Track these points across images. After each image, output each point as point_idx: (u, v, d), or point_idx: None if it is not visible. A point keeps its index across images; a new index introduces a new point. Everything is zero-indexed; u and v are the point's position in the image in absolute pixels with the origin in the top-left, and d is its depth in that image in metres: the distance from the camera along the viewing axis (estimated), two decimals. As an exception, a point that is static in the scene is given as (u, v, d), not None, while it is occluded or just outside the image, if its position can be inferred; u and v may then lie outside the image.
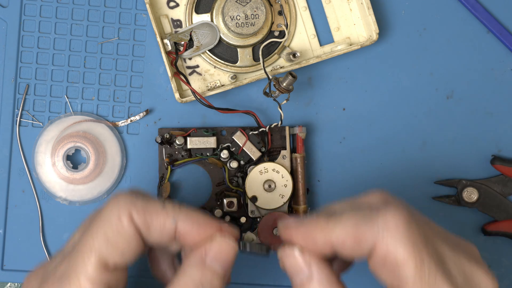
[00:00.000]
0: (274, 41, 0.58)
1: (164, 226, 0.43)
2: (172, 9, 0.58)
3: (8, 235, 0.59)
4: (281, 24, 0.58)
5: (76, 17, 0.59)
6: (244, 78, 0.58)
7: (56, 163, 0.58)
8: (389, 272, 0.42)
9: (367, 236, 0.41)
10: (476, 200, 0.60)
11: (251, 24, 0.56)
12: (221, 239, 0.44)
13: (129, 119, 0.59)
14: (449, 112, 0.61)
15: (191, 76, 0.58)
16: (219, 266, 0.43)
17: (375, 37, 0.57)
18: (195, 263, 0.43)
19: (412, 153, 0.61)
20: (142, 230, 0.43)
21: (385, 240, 0.41)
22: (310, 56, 0.59)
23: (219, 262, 0.43)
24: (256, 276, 0.60)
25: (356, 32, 0.60)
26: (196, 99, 0.56)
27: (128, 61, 0.59)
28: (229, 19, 0.55)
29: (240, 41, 0.57)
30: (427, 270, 0.41)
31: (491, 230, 0.60)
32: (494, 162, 0.60)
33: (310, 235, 0.43)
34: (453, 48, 0.61)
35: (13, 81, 0.59)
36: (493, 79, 0.61)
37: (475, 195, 0.60)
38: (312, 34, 0.60)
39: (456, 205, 0.60)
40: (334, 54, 0.58)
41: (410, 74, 0.61)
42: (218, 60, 0.58)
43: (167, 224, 0.43)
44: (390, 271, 0.42)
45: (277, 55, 0.58)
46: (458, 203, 0.60)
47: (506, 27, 0.61)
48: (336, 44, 0.60)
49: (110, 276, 0.42)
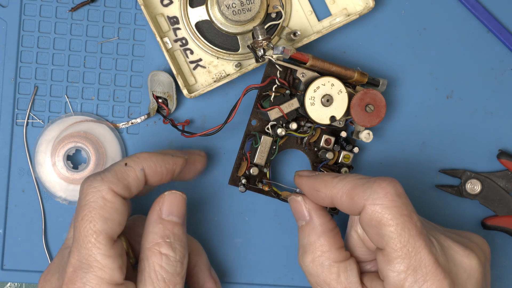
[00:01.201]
0: (273, 24, 0.58)
1: (138, 179, 0.49)
2: (167, 7, 0.58)
3: (8, 235, 0.59)
4: (277, 6, 0.58)
5: (76, 16, 0.59)
6: (248, 64, 0.58)
7: (56, 163, 0.58)
8: (374, 231, 0.47)
9: (360, 196, 0.48)
10: (478, 193, 0.60)
11: (247, 10, 0.56)
12: (169, 193, 0.50)
13: (130, 122, 0.59)
14: (449, 112, 0.61)
15: (195, 71, 0.58)
16: (175, 216, 0.49)
17: (372, 4, 0.57)
18: (154, 221, 0.49)
19: (413, 153, 0.61)
20: (125, 194, 0.48)
21: (374, 201, 0.47)
22: (310, 33, 0.59)
23: (174, 213, 0.50)
24: (256, 276, 0.60)
25: (352, 1, 0.59)
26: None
27: (128, 61, 0.59)
28: (225, 8, 0.55)
29: (239, 28, 0.57)
30: (407, 232, 0.46)
31: (491, 224, 0.60)
32: (500, 156, 0.60)
33: (316, 186, 0.51)
34: (453, 48, 0.61)
35: (13, 81, 0.58)
36: (493, 79, 0.61)
37: (478, 187, 0.60)
38: (308, 10, 0.60)
39: (458, 196, 0.60)
40: (334, 27, 0.58)
41: (410, 74, 0.61)
42: (220, 51, 0.58)
43: (139, 175, 0.49)
44: (375, 231, 0.47)
45: (277, 36, 0.58)
46: (461, 194, 0.60)
47: (506, 27, 0.61)
48: (334, 17, 0.60)
49: (118, 246, 0.47)
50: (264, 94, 0.57)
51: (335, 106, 0.55)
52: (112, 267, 0.46)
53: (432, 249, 0.47)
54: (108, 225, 0.46)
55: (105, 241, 0.46)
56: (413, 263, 0.46)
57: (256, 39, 0.54)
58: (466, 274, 0.48)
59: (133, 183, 0.49)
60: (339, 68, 0.56)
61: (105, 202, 0.47)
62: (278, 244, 0.60)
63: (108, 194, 0.47)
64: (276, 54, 0.54)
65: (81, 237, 0.46)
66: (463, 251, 0.48)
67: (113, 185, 0.47)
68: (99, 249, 0.46)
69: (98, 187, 0.47)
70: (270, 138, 0.56)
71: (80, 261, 0.46)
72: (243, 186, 0.57)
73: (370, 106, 0.55)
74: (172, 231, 0.49)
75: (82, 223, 0.46)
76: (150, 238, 0.48)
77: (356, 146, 0.57)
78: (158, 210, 0.50)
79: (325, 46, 0.60)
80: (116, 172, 0.48)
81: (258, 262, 0.60)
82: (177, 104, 0.58)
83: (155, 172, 0.50)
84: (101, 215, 0.46)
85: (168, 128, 0.59)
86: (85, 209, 0.47)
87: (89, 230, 0.46)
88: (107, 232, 0.46)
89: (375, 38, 0.60)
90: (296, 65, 0.56)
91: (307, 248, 0.51)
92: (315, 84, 0.55)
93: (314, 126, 0.57)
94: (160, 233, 0.48)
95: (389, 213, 0.47)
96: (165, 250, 0.48)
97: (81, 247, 0.46)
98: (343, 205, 0.50)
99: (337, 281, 0.50)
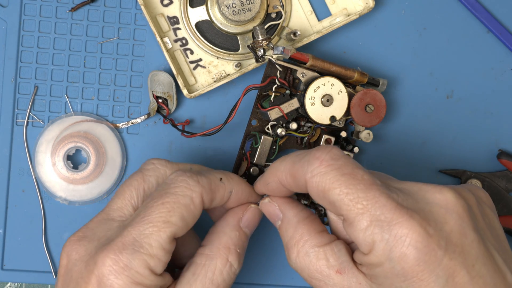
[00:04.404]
0: (273, 24, 0.58)
1: (223, 198, 0.50)
2: (167, 7, 0.58)
3: (8, 235, 0.59)
4: (277, 6, 0.58)
5: (76, 16, 0.59)
6: (248, 64, 0.58)
7: (56, 163, 0.58)
8: (325, 202, 0.45)
9: (299, 173, 0.46)
10: None
11: (247, 10, 0.56)
12: (255, 207, 0.52)
13: (130, 122, 0.59)
14: (449, 112, 0.61)
15: (195, 71, 0.58)
16: (248, 230, 0.51)
17: (372, 4, 0.58)
18: (233, 226, 0.50)
19: (413, 153, 0.61)
20: (207, 204, 0.49)
21: (312, 173, 0.45)
22: (310, 33, 0.59)
23: (249, 227, 0.51)
24: (256, 276, 0.60)
25: (352, 1, 0.60)
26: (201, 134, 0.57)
27: (128, 61, 0.59)
28: (225, 8, 0.55)
29: (239, 28, 0.57)
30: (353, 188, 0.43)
31: (491, 225, 0.60)
32: (500, 156, 0.60)
33: (266, 180, 0.50)
34: (453, 48, 0.61)
35: (13, 81, 0.58)
36: (493, 79, 0.61)
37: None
38: (308, 10, 0.60)
39: None
40: (334, 27, 0.58)
41: (410, 74, 0.61)
42: (220, 51, 0.58)
43: (226, 196, 0.50)
44: (326, 201, 0.45)
45: (277, 36, 0.58)
46: None
47: (506, 27, 0.61)
48: (334, 17, 0.60)
49: (174, 245, 0.47)
50: (264, 94, 0.57)
51: (335, 106, 0.55)
52: (161, 259, 0.46)
53: (391, 195, 0.43)
54: (181, 224, 0.46)
55: (169, 235, 0.46)
56: (373, 214, 0.42)
57: (256, 39, 0.54)
58: (442, 209, 0.43)
59: (218, 200, 0.50)
60: (339, 68, 0.56)
61: (190, 203, 0.47)
62: (278, 244, 0.60)
63: (197, 198, 0.47)
64: (276, 54, 0.54)
65: (150, 218, 0.46)
66: (433, 188, 0.44)
67: (205, 193, 0.48)
68: (160, 238, 0.45)
69: (192, 187, 0.47)
70: (270, 138, 0.56)
71: (135, 239, 0.45)
72: None
73: (370, 106, 0.56)
74: (244, 243, 0.50)
75: (161, 207, 0.46)
76: (224, 240, 0.49)
77: (356, 146, 0.57)
78: (239, 217, 0.51)
79: (325, 46, 0.60)
80: (211, 182, 0.49)
81: (258, 262, 0.60)
82: (177, 104, 0.58)
83: (238, 199, 0.51)
84: (181, 212, 0.46)
85: (168, 128, 0.59)
86: (170, 197, 0.47)
87: (163, 217, 0.46)
88: (176, 228, 0.46)
89: (375, 38, 0.60)
90: (296, 65, 0.56)
91: (289, 244, 0.48)
92: (315, 84, 0.55)
93: (314, 126, 0.57)
94: (235, 240, 0.49)
95: (329, 178, 0.44)
96: (232, 259, 0.49)
97: (144, 227, 0.46)
98: (291, 186, 0.48)
99: (328, 266, 0.46)
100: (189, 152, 0.60)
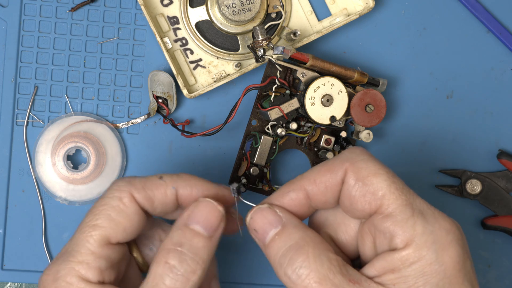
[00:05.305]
0: (273, 24, 0.58)
1: (165, 196, 0.46)
2: (167, 7, 0.58)
3: (8, 235, 0.59)
4: (277, 6, 0.58)
5: (76, 17, 0.59)
6: (248, 64, 0.58)
7: (56, 163, 0.58)
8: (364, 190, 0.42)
9: (336, 164, 0.43)
10: (478, 193, 0.60)
11: (247, 10, 0.56)
12: (204, 201, 0.45)
13: (130, 122, 0.59)
14: (449, 111, 0.61)
15: (195, 71, 0.58)
16: (200, 227, 0.44)
17: (372, 4, 0.58)
18: (177, 226, 0.44)
19: (413, 153, 0.61)
20: (145, 205, 0.45)
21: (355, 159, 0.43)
22: (310, 33, 0.59)
23: (201, 224, 0.44)
24: (255, 275, 0.60)
25: (352, 1, 0.60)
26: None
27: (128, 61, 0.59)
28: (225, 8, 0.56)
29: (239, 28, 0.57)
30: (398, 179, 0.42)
31: (491, 224, 0.60)
32: (500, 156, 0.60)
33: (286, 188, 0.45)
34: (453, 48, 0.61)
35: (13, 81, 0.58)
36: (493, 79, 0.61)
37: (478, 187, 0.60)
38: (308, 10, 0.60)
39: (458, 196, 0.60)
40: (334, 27, 0.58)
41: (410, 74, 0.61)
42: (220, 51, 0.58)
43: (168, 193, 0.46)
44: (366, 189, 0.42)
45: (277, 36, 0.58)
46: (461, 194, 0.60)
47: (506, 27, 0.61)
48: (334, 17, 0.60)
49: (111, 250, 0.44)
50: (264, 94, 0.57)
51: (335, 106, 0.55)
52: (91, 264, 0.43)
53: (420, 198, 0.43)
54: (110, 225, 0.44)
55: (98, 238, 0.44)
56: (416, 207, 0.42)
57: (256, 39, 0.54)
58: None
59: (159, 197, 0.45)
60: (339, 68, 0.56)
61: (118, 204, 0.45)
62: (278, 244, 0.60)
63: (126, 197, 0.45)
64: (276, 54, 0.54)
65: (80, 227, 0.45)
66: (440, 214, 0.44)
67: (135, 191, 0.45)
68: (88, 243, 0.44)
69: (121, 188, 0.45)
70: (270, 138, 0.56)
71: (66, 249, 0.45)
72: (243, 186, 0.57)
73: (370, 106, 0.56)
74: (190, 240, 0.43)
75: (89, 213, 0.45)
76: (164, 243, 0.44)
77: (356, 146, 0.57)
78: (185, 216, 0.45)
79: (325, 46, 0.60)
80: (146, 181, 0.46)
81: (258, 262, 0.60)
82: (177, 104, 0.58)
83: (190, 196, 0.46)
84: (108, 214, 0.44)
85: (168, 128, 0.59)
86: (100, 202, 0.45)
87: (89, 222, 0.44)
88: (105, 231, 0.44)
89: (375, 38, 0.60)
90: (296, 65, 0.56)
91: (297, 249, 0.43)
92: (315, 84, 0.55)
93: (314, 126, 0.57)
94: (176, 238, 0.44)
95: (374, 164, 0.43)
96: (172, 260, 0.43)
97: (74, 235, 0.45)
98: (319, 188, 0.44)
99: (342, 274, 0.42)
100: (189, 152, 0.60)
